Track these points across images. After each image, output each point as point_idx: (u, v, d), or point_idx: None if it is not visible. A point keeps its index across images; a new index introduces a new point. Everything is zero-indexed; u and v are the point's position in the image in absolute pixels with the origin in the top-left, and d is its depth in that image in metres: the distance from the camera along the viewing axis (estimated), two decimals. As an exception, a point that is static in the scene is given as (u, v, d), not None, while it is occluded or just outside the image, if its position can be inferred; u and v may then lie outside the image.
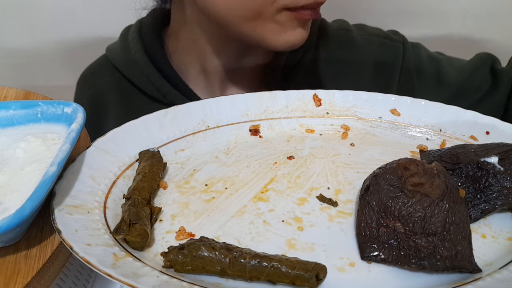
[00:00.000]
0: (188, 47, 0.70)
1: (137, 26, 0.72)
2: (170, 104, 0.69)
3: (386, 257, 0.34)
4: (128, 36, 0.72)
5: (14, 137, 0.43)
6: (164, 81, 0.69)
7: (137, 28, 0.72)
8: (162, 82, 0.69)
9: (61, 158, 0.36)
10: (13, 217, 0.31)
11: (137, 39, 0.70)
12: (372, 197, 0.37)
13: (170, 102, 0.69)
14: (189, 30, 0.69)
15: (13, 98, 0.53)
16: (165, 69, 0.70)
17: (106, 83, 0.74)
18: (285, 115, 0.53)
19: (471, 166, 0.39)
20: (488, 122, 0.48)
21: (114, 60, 0.73)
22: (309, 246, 0.36)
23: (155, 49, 0.70)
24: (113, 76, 0.73)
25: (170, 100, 0.69)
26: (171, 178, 0.45)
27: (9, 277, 0.33)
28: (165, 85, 0.69)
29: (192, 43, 0.70)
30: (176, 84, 0.70)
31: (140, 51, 0.70)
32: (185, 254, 0.32)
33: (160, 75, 0.69)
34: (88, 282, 0.44)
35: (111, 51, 0.75)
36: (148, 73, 0.69)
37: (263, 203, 0.41)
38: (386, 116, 0.52)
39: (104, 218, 0.37)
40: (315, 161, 0.47)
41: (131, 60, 0.70)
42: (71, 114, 0.43)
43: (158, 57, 0.70)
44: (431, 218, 0.34)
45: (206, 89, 0.73)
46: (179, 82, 0.70)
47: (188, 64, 0.72)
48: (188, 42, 0.70)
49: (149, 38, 0.71)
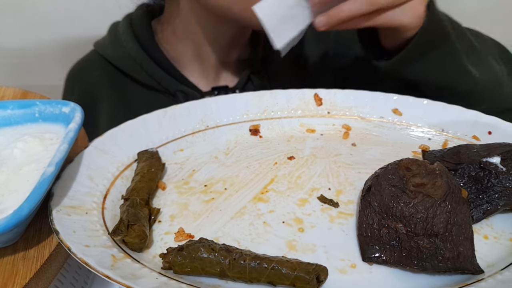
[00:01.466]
0: (181, 35, 0.72)
1: (126, 20, 0.74)
2: (165, 90, 0.71)
3: (387, 259, 0.34)
4: (117, 30, 0.74)
5: (11, 137, 0.43)
6: (157, 68, 0.71)
7: (127, 21, 0.74)
8: (155, 68, 0.70)
9: (59, 158, 0.35)
10: (11, 218, 0.31)
11: (128, 31, 0.72)
12: (374, 197, 0.37)
13: (164, 88, 0.71)
14: (181, 19, 0.71)
15: (11, 97, 0.53)
16: (157, 57, 0.71)
17: (98, 77, 0.74)
18: (285, 115, 0.53)
19: (473, 166, 0.39)
20: (490, 121, 0.48)
21: (105, 54, 0.74)
22: (310, 248, 0.36)
23: (146, 38, 0.72)
24: (105, 69, 0.74)
25: (164, 86, 0.71)
26: (170, 179, 0.44)
27: (7, 278, 0.32)
28: (158, 71, 0.71)
29: (185, 32, 0.71)
30: (168, 70, 0.71)
31: (132, 42, 0.71)
32: (184, 256, 0.32)
33: (153, 62, 0.71)
34: (86, 284, 0.44)
35: (101, 46, 0.76)
36: (140, 61, 0.71)
37: (263, 204, 0.40)
38: (387, 115, 0.52)
39: (102, 219, 0.37)
40: (316, 161, 0.46)
41: (122, 52, 0.72)
42: (69, 113, 0.43)
43: (149, 46, 0.72)
44: (433, 219, 0.34)
45: (201, 75, 0.75)
46: (171, 68, 0.72)
47: (181, 52, 0.74)
48: (181, 30, 0.72)
49: (139, 29, 0.73)
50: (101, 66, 0.74)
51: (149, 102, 0.70)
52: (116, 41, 0.73)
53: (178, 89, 0.70)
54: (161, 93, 0.71)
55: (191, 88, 0.71)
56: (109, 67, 0.73)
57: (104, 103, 0.73)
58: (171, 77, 0.71)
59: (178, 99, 0.70)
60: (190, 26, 0.70)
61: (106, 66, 0.73)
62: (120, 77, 0.73)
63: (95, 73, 0.75)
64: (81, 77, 0.77)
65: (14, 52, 1.17)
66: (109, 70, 0.73)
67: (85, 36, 1.09)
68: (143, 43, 0.71)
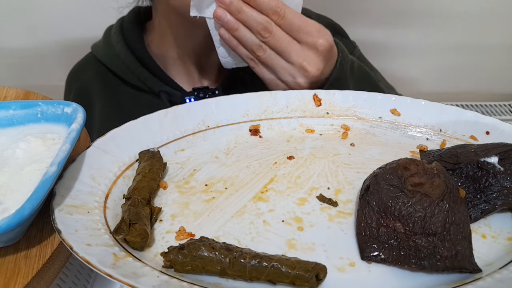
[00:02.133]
0: (162, 37, 0.75)
1: (118, 23, 0.78)
2: (150, 91, 0.73)
3: (386, 257, 0.34)
4: (110, 32, 0.78)
5: (14, 137, 0.43)
6: (143, 69, 0.73)
7: (118, 24, 0.78)
8: (141, 70, 0.73)
9: (61, 158, 0.36)
10: (13, 217, 0.31)
11: (118, 34, 0.76)
12: (372, 197, 0.37)
13: (149, 89, 0.73)
14: (159, 22, 0.74)
15: (13, 98, 0.53)
16: (144, 58, 0.74)
17: (91, 76, 0.78)
18: (285, 115, 0.53)
19: (471, 166, 0.39)
20: (488, 122, 0.48)
21: (98, 55, 0.78)
22: (309, 246, 0.36)
23: (134, 42, 0.75)
24: (98, 69, 0.77)
25: (149, 87, 0.73)
26: (171, 178, 0.45)
27: (9, 277, 0.33)
28: (144, 72, 0.73)
29: (163, 33, 0.74)
30: (154, 72, 0.74)
31: (121, 44, 0.75)
32: (185, 254, 0.32)
33: (139, 64, 0.74)
34: (88, 282, 0.44)
35: (96, 47, 0.80)
36: (128, 63, 0.74)
37: (263, 203, 0.41)
38: (386, 116, 0.52)
39: (104, 218, 0.37)
40: (315, 161, 0.47)
41: (113, 54, 0.75)
42: (71, 114, 0.43)
43: (137, 48, 0.75)
44: (431, 218, 0.34)
45: (186, 75, 0.77)
46: (156, 69, 0.75)
47: (165, 53, 0.76)
48: (161, 33, 0.75)
49: (129, 33, 0.76)
50: (95, 67, 0.78)
51: (136, 102, 0.74)
52: (108, 43, 0.77)
53: (161, 89, 0.73)
54: (147, 93, 0.74)
55: (174, 89, 0.73)
56: (102, 67, 0.77)
57: (97, 102, 0.76)
58: (155, 78, 0.73)
59: (161, 99, 0.73)
60: (167, 29, 0.73)
61: (99, 66, 0.77)
62: (111, 78, 0.76)
63: (89, 73, 0.79)
64: (77, 77, 0.81)
65: (15, 53, 1.17)
66: (101, 70, 0.77)
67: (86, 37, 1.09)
68: (131, 45, 0.75)
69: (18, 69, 1.19)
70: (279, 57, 0.58)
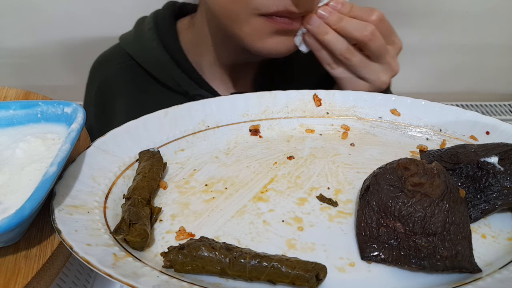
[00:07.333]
0: (200, 39, 0.72)
1: (152, 18, 0.74)
2: (184, 93, 0.70)
3: (386, 257, 0.34)
4: (143, 26, 0.74)
5: (14, 137, 0.43)
6: (179, 70, 0.71)
7: (153, 19, 0.74)
8: (177, 71, 0.70)
9: (61, 158, 0.36)
10: (13, 217, 0.31)
11: (154, 29, 0.72)
12: (372, 197, 0.37)
13: (183, 91, 0.71)
14: (200, 23, 0.71)
15: (13, 98, 0.53)
16: (179, 59, 0.71)
17: (119, 70, 0.75)
18: (285, 115, 0.53)
19: (471, 166, 0.39)
20: (488, 122, 0.48)
21: (128, 48, 0.74)
22: (309, 246, 0.36)
23: (171, 40, 0.72)
24: (127, 63, 0.74)
25: (184, 89, 0.71)
26: (171, 178, 0.45)
27: (9, 277, 0.33)
28: (179, 74, 0.70)
29: (202, 36, 0.72)
30: (190, 74, 0.71)
31: (156, 41, 0.71)
32: (185, 254, 0.32)
33: (175, 64, 0.71)
34: (88, 282, 0.44)
35: (125, 40, 0.76)
36: (163, 63, 0.71)
37: (263, 203, 0.41)
38: (386, 116, 0.52)
39: (104, 218, 0.37)
40: (315, 161, 0.47)
41: (146, 50, 0.72)
42: (71, 114, 0.43)
43: (173, 47, 0.72)
44: (431, 218, 0.34)
45: (220, 80, 0.74)
46: (193, 72, 0.72)
47: (201, 56, 0.74)
48: (199, 35, 0.72)
49: (164, 29, 0.73)
50: (124, 60, 0.74)
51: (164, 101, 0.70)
52: (141, 38, 0.73)
53: (197, 93, 0.71)
54: (179, 94, 0.71)
55: (210, 93, 0.71)
56: (131, 61, 0.73)
57: (122, 96, 0.74)
58: (191, 81, 0.71)
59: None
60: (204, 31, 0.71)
61: (128, 60, 0.74)
62: (140, 73, 0.73)
63: (117, 65, 0.75)
64: (102, 69, 0.77)
65: (16, 53, 1.17)
66: (131, 64, 0.73)
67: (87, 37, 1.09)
68: (167, 44, 0.72)
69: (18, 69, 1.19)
70: (368, 59, 0.59)
